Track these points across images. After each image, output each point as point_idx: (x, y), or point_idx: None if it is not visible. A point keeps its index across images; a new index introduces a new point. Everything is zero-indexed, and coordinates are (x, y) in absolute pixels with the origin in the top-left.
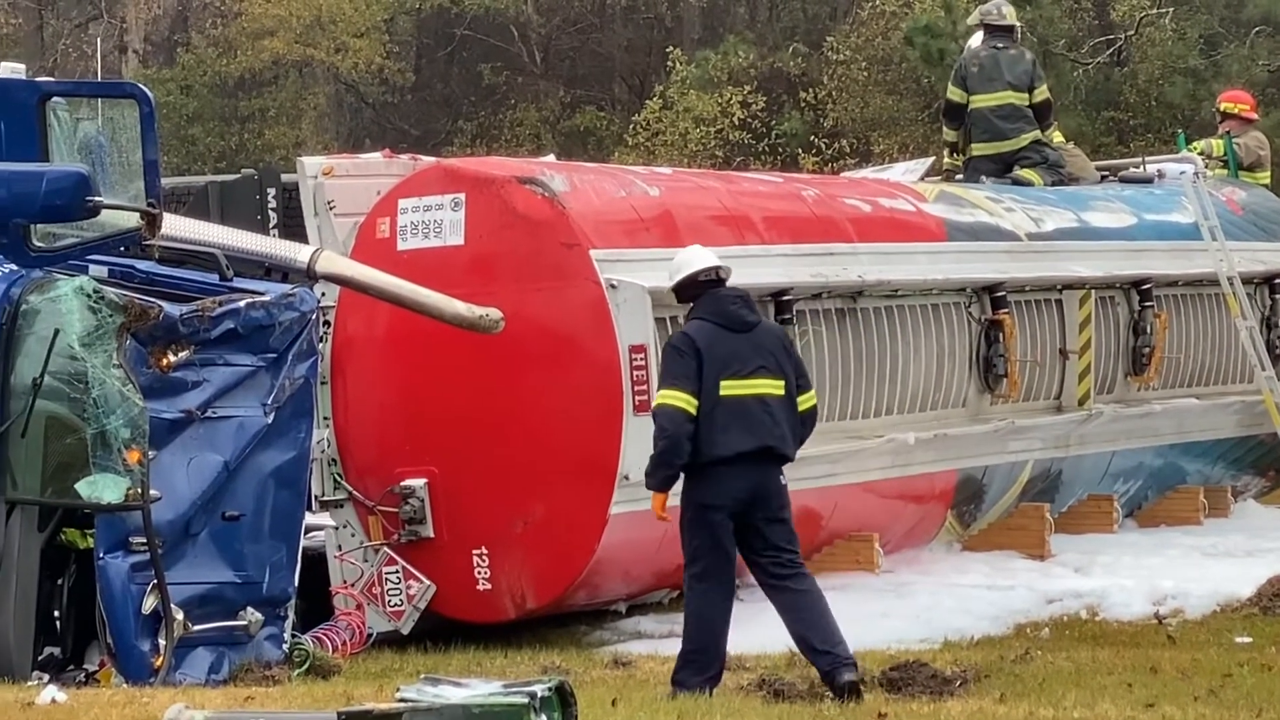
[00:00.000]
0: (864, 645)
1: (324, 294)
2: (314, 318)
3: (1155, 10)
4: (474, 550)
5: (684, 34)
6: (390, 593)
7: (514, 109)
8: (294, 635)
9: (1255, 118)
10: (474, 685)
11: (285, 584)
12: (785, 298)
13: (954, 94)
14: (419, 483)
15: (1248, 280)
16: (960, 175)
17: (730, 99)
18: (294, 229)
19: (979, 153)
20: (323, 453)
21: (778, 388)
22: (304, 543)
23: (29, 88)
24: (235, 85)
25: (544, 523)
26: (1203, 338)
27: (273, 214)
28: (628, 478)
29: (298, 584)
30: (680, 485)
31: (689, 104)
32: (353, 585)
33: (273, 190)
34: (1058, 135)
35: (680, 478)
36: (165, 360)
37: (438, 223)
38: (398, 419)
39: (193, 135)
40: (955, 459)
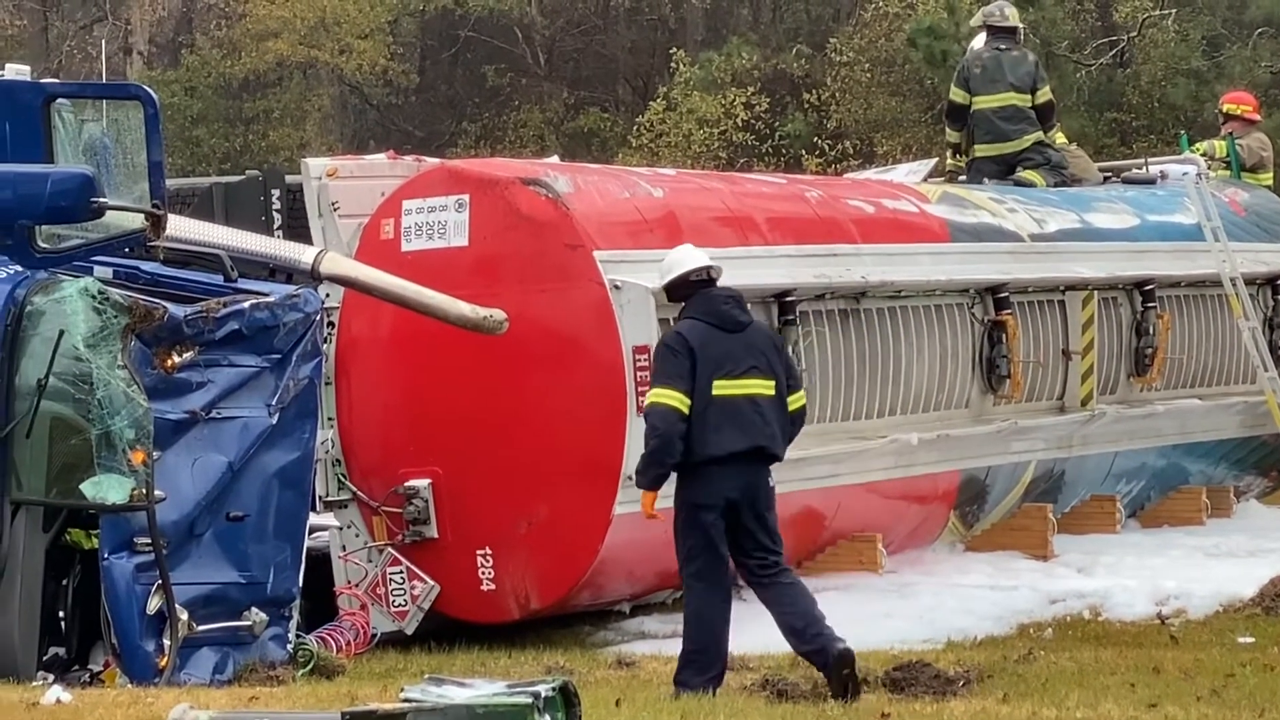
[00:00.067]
0: (867, 645)
1: (328, 295)
2: (318, 319)
3: (1158, 12)
4: (478, 551)
5: (687, 35)
6: (394, 593)
7: (518, 110)
8: (298, 635)
9: (1258, 119)
10: (478, 685)
11: (290, 584)
12: (789, 299)
13: (957, 95)
14: (423, 483)
15: (1250, 281)
16: (963, 176)
17: (734, 100)
18: (298, 230)
19: (982, 154)
20: (327, 453)
21: (769, 388)
22: (308, 543)
23: (34, 89)
24: (240, 87)
25: (548, 523)
26: (1205, 338)
27: (277, 215)
28: (631, 478)
29: (302, 584)
30: (670, 486)
31: (692, 105)
32: (357, 585)
33: (277, 191)
34: (1060, 136)
35: (670, 477)
36: (170, 361)
37: (442, 224)
38: (402, 420)
39: (197, 137)
40: (958, 459)
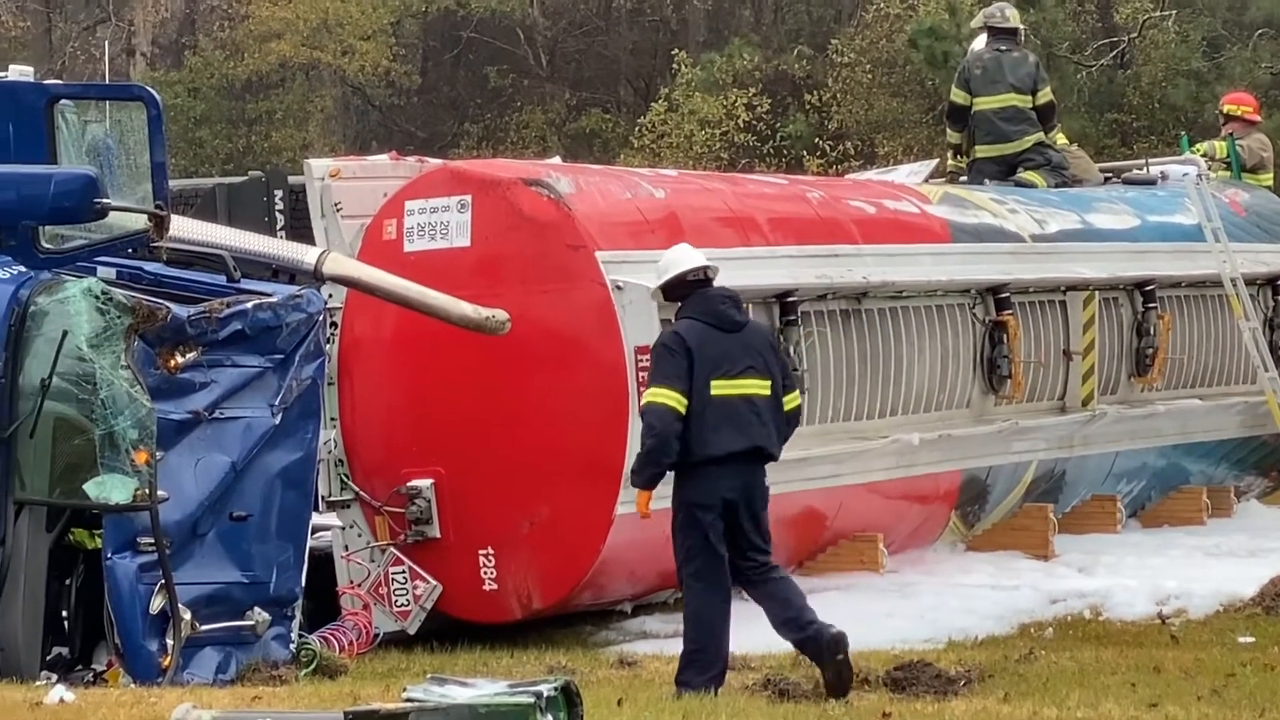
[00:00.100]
0: (868, 645)
1: (331, 295)
2: (321, 319)
3: (1158, 13)
4: (480, 550)
5: (689, 37)
6: (397, 593)
7: (520, 111)
8: (301, 635)
9: (1258, 120)
10: (480, 685)
11: (292, 584)
12: (790, 299)
13: (957, 96)
14: (425, 483)
15: (1250, 281)
16: (964, 177)
17: (735, 101)
18: (301, 231)
19: (983, 155)
20: (330, 453)
21: (765, 388)
22: (311, 543)
23: (37, 90)
24: (242, 88)
25: (550, 523)
26: (1206, 339)
27: (280, 216)
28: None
29: (305, 584)
30: (665, 487)
31: (694, 106)
32: (359, 585)
33: (280, 192)
34: (1061, 137)
35: (664, 476)
36: (173, 361)
37: (444, 224)
38: (404, 420)
39: (200, 137)
40: (959, 459)
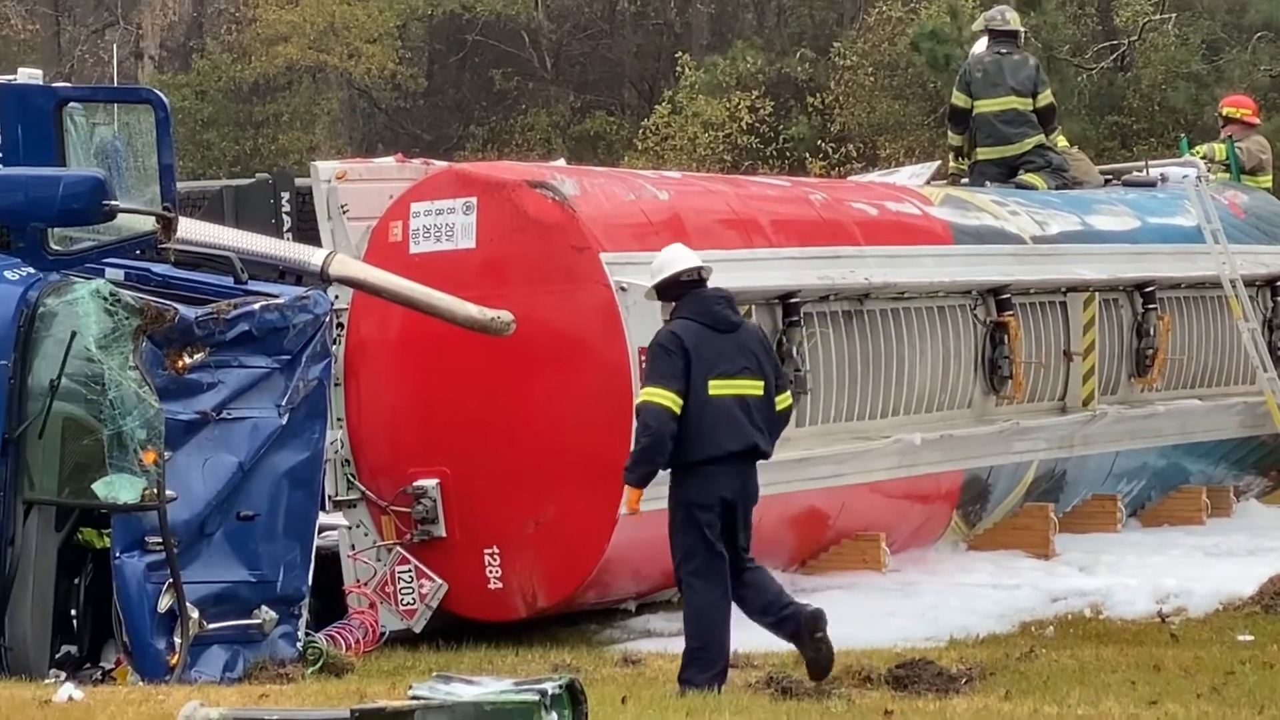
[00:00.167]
0: (870, 644)
1: (337, 297)
2: (327, 320)
3: (1158, 16)
4: (485, 550)
5: (693, 40)
6: (403, 591)
7: (525, 114)
8: (308, 633)
9: (1257, 122)
10: (486, 683)
11: (299, 583)
12: (793, 300)
13: (958, 99)
14: (431, 483)
15: (1250, 282)
16: (965, 179)
17: (738, 104)
18: (308, 233)
19: (984, 157)
20: (336, 453)
21: (759, 388)
22: (318, 542)
23: (46, 93)
24: (250, 90)
25: (554, 522)
26: (1205, 339)
27: (287, 218)
28: None
29: (311, 583)
30: (658, 489)
31: (698, 109)
32: (366, 584)
33: (287, 194)
34: (1061, 140)
35: (654, 475)
36: (181, 362)
37: (449, 226)
38: (410, 420)
39: (208, 140)
40: (961, 459)
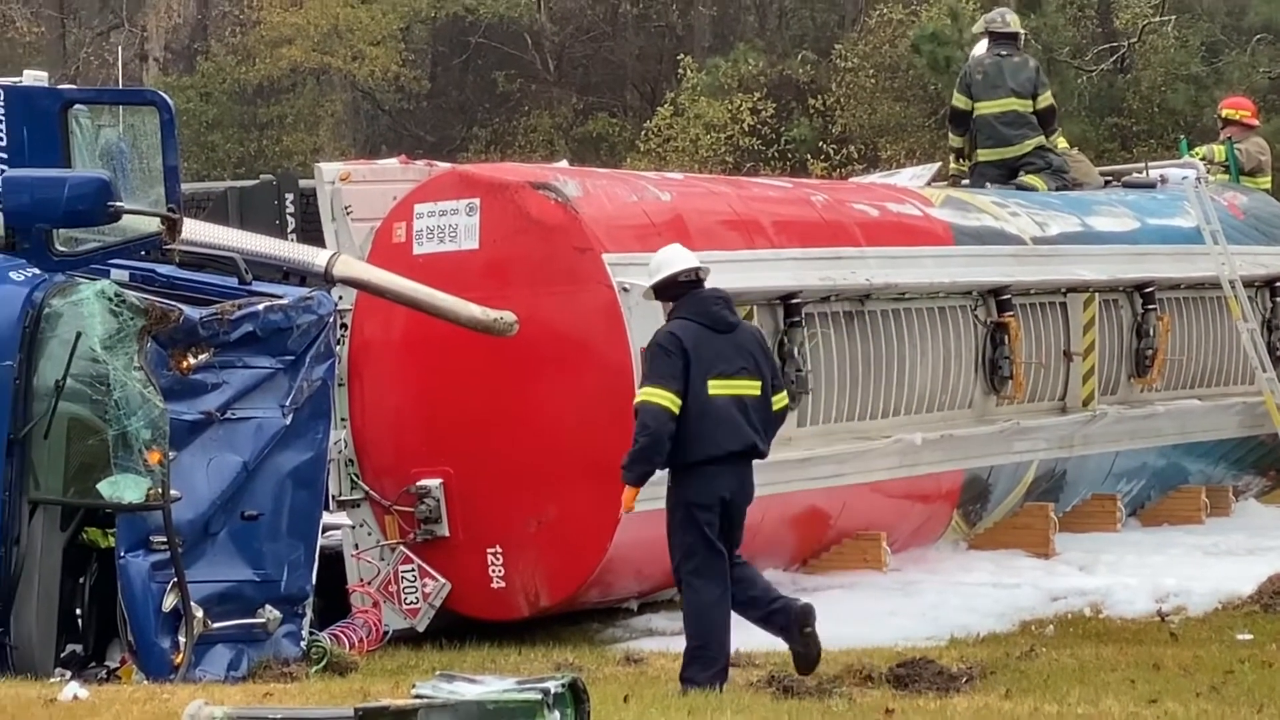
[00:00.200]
0: (871, 643)
1: (341, 297)
2: (331, 321)
3: (1158, 18)
4: (488, 549)
5: (695, 42)
6: (406, 591)
7: (528, 115)
8: (311, 633)
9: (1256, 124)
10: (488, 682)
11: (303, 582)
12: (794, 301)
13: (959, 101)
14: (434, 483)
15: (1249, 283)
16: (966, 180)
17: (740, 106)
18: (312, 234)
19: (984, 158)
20: (340, 453)
21: (756, 388)
22: (321, 541)
23: (52, 95)
24: (254, 92)
25: (557, 522)
26: (1204, 340)
27: (291, 219)
28: None
29: (315, 582)
30: (652, 489)
31: (700, 110)
32: (369, 583)
33: (291, 195)
34: (1062, 141)
35: (651, 474)
36: (185, 363)
37: (453, 227)
38: (414, 420)
39: (212, 142)
40: (961, 459)
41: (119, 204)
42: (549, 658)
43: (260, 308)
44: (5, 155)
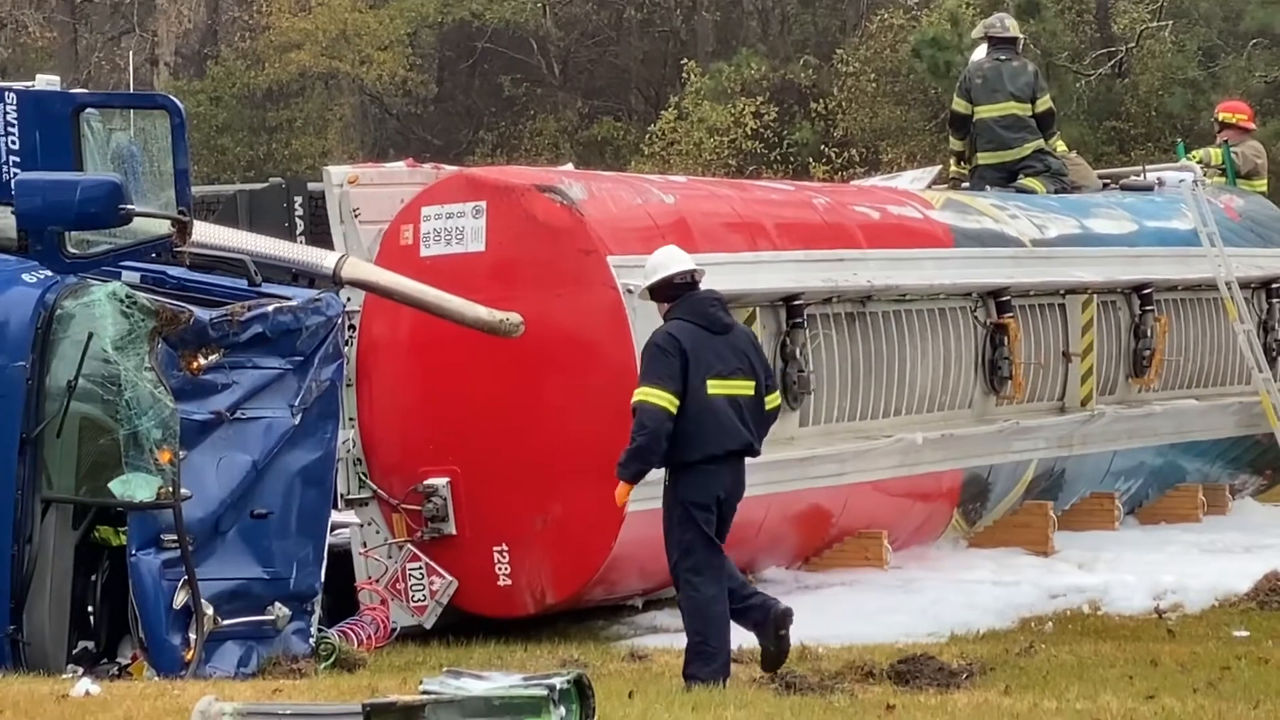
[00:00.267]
0: (873, 639)
1: (349, 299)
2: (340, 322)
3: (1155, 23)
4: (495, 547)
5: (698, 47)
6: (413, 588)
7: (533, 119)
8: (320, 629)
9: (1252, 127)
10: (495, 678)
11: (312, 580)
12: (796, 302)
13: (959, 105)
14: (441, 481)
15: (1245, 285)
16: (966, 183)
17: (743, 109)
18: (320, 236)
19: (984, 161)
20: (348, 452)
21: (750, 388)
22: (330, 540)
23: (63, 99)
24: (263, 96)
25: (563, 520)
26: (1202, 341)
27: (300, 221)
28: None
29: (324, 580)
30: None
31: (703, 114)
32: (377, 581)
33: (300, 198)
34: (1060, 144)
35: (647, 473)
36: (195, 363)
37: (459, 230)
38: (421, 420)
39: (222, 145)
40: (961, 458)
41: (130, 207)
42: (555, 654)
43: (269, 309)
44: (18, 158)
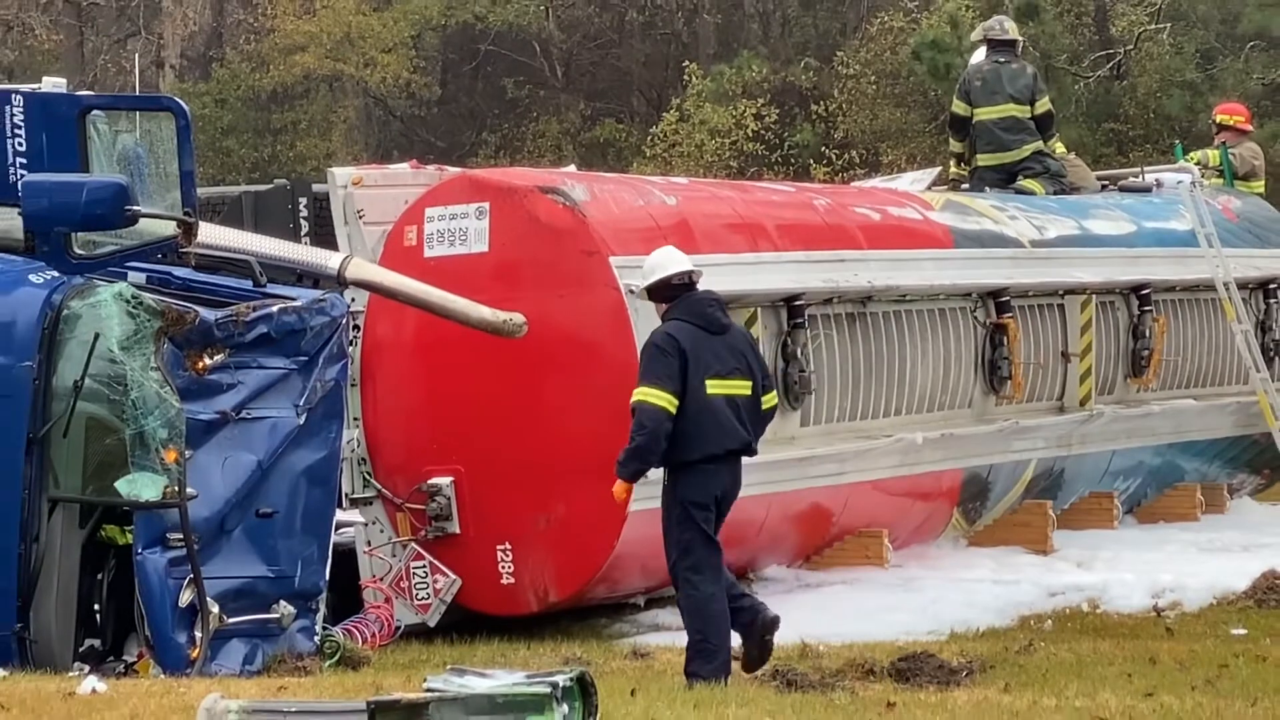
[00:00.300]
0: (873, 637)
1: (354, 299)
2: (344, 322)
3: (1153, 26)
4: (498, 546)
5: (700, 49)
6: (417, 587)
7: (536, 121)
8: (325, 627)
9: (1250, 129)
10: (498, 676)
11: (317, 578)
12: (797, 302)
13: (958, 107)
14: (445, 481)
15: (1243, 285)
16: (966, 185)
17: (744, 112)
18: (325, 237)
19: (983, 163)
20: (353, 452)
21: (747, 388)
22: (334, 538)
23: (70, 101)
24: (268, 99)
25: (565, 519)
26: (1200, 341)
27: (304, 222)
28: (647, 476)
29: (328, 578)
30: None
31: (704, 116)
32: (381, 579)
33: (304, 200)
34: (1059, 146)
35: (646, 472)
36: (201, 363)
37: (463, 231)
38: (425, 420)
39: (227, 147)
40: (961, 458)
41: (136, 208)
42: (557, 652)
43: (274, 310)
44: (25, 160)
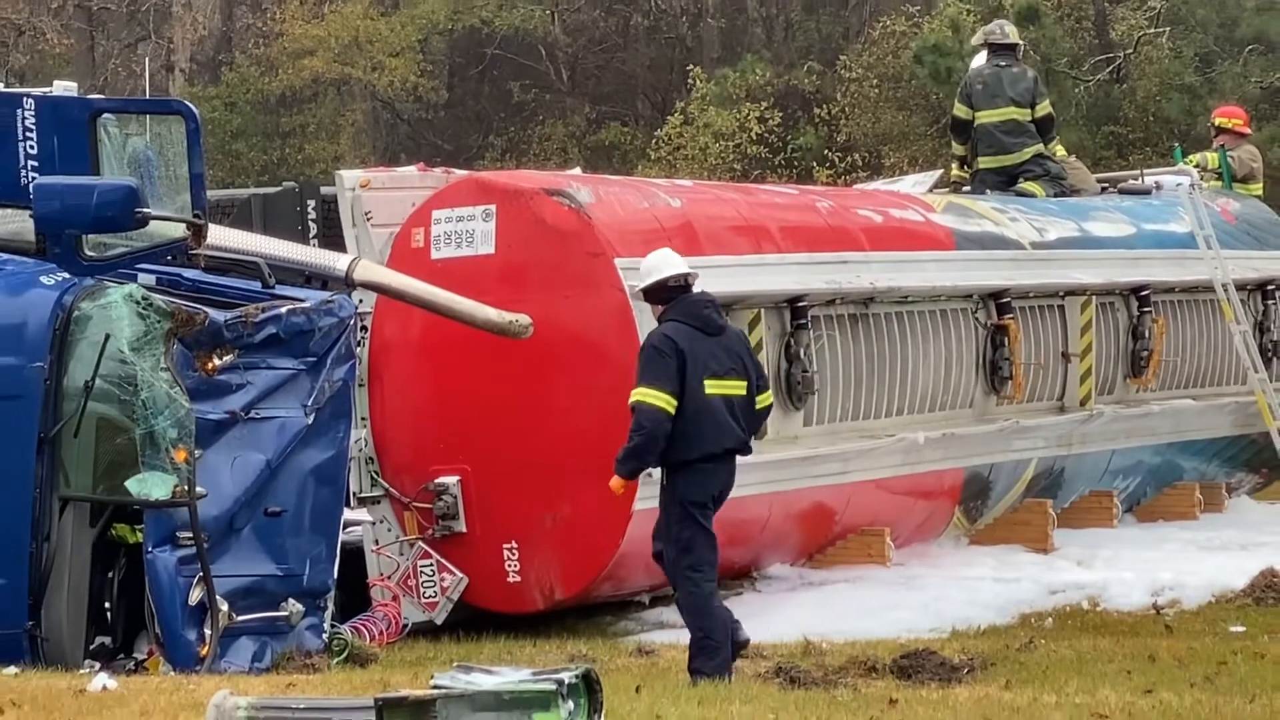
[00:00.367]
0: (876, 635)
1: (361, 301)
2: (352, 323)
3: (1153, 30)
4: (504, 544)
5: (704, 53)
6: (424, 585)
7: (542, 125)
8: (333, 625)
9: (1248, 132)
10: (505, 673)
11: (325, 576)
12: (801, 304)
13: (960, 110)
14: (452, 480)
15: (1241, 287)
16: (967, 187)
17: (748, 115)
18: (333, 239)
19: (985, 166)
20: (360, 451)
21: (742, 388)
22: (343, 537)
23: (81, 105)
24: (277, 102)
25: (571, 518)
26: (1199, 341)
27: (313, 225)
28: (651, 475)
29: (337, 576)
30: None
31: (709, 120)
32: (389, 578)
33: (313, 202)
34: (1059, 149)
35: (643, 470)
36: (210, 364)
37: (470, 233)
38: (432, 419)
39: (236, 150)
40: (962, 457)
41: (146, 210)
42: (563, 649)
43: (283, 311)
44: (36, 163)
